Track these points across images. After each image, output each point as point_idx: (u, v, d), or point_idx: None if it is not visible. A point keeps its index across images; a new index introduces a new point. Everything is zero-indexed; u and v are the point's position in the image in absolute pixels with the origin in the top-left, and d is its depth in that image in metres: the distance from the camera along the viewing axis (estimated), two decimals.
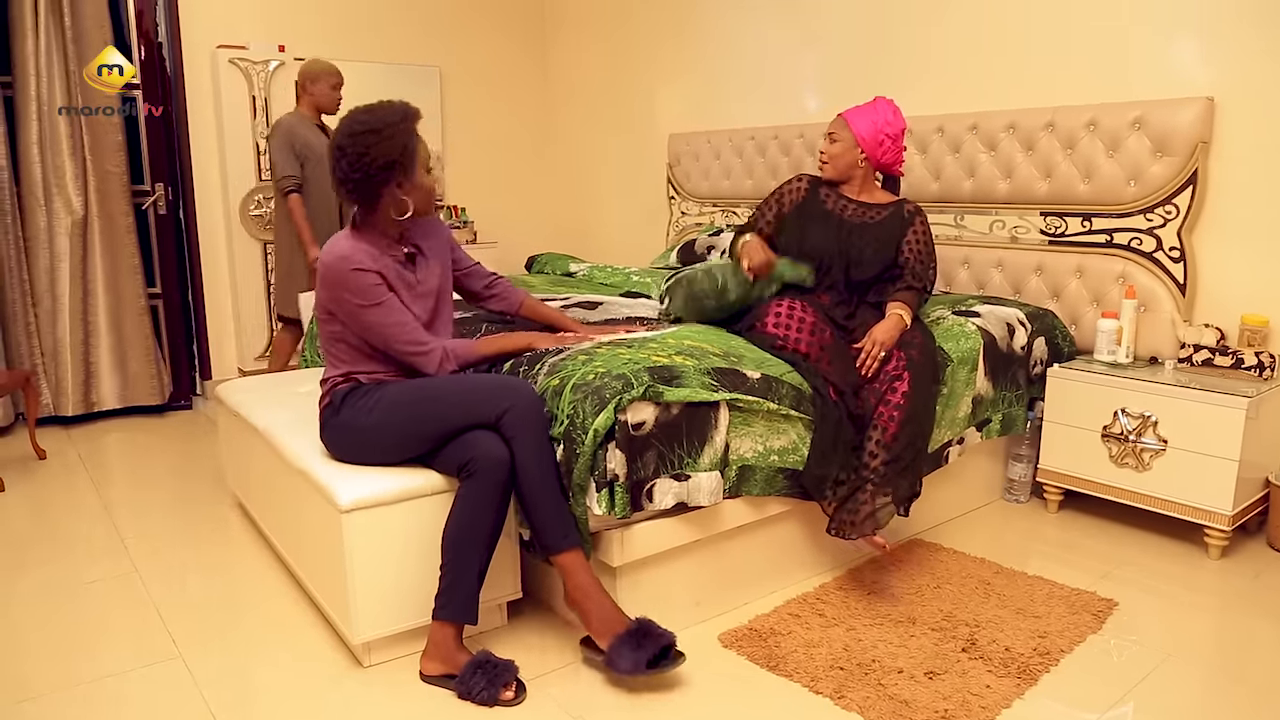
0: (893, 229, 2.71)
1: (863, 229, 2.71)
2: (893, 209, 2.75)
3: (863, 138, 2.68)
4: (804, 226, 2.75)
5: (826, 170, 2.75)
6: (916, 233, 2.72)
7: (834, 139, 2.72)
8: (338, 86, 3.90)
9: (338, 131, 2.12)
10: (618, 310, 2.98)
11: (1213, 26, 2.87)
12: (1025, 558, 2.69)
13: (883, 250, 2.68)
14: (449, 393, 2.10)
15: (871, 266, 2.68)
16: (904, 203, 2.78)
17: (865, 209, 2.75)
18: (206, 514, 3.09)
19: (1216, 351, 2.82)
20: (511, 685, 1.95)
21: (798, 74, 4.23)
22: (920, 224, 2.74)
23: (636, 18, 5.13)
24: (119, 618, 2.37)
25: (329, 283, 2.11)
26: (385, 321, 2.12)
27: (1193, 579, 2.58)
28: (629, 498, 2.03)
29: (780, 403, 2.26)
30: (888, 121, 2.70)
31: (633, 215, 5.35)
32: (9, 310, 4.07)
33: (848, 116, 2.72)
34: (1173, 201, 2.94)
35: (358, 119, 2.11)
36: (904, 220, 2.73)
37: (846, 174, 2.75)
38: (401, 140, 2.10)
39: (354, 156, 2.07)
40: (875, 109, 2.72)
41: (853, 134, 2.69)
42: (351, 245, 2.13)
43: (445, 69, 5.41)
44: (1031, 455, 3.09)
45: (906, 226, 2.72)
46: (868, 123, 2.69)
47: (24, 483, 3.42)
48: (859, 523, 2.31)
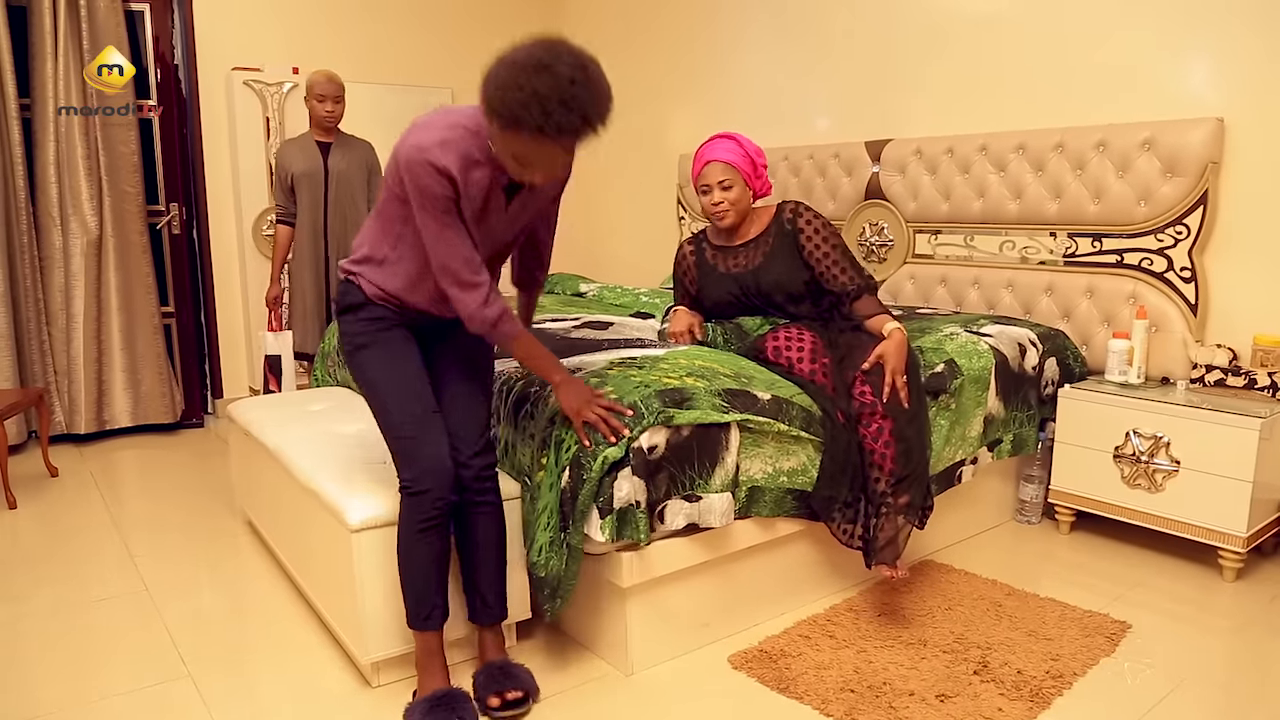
0: (785, 249, 2.57)
1: (759, 271, 2.59)
2: (772, 226, 2.61)
3: (748, 175, 2.57)
4: (712, 296, 2.70)
5: (728, 218, 2.57)
6: (809, 237, 2.55)
7: (727, 185, 2.53)
8: (322, 99, 3.68)
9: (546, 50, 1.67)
10: (628, 331, 2.98)
11: (1222, 47, 2.88)
12: (1037, 579, 2.67)
13: (792, 275, 2.57)
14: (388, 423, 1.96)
15: (797, 298, 2.59)
16: (779, 210, 2.63)
17: (752, 248, 2.63)
18: (217, 532, 3.10)
19: (1229, 372, 2.80)
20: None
21: (807, 95, 4.25)
22: (806, 225, 2.56)
23: (647, 41, 5.16)
24: (128, 636, 2.38)
25: (400, 159, 1.81)
26: (440, 235, 1.82)
27: (1207, 602, 2.55)
28: (648, 521, 2.03)
29: (790, 424, 2.26)
30: (756, 150, 2.59)
31: (643, 236, 5.37)
32: (24, 329, 4.11)
33: (728, 160, 2.54)
34: (1183, 222, 2.93)
35: (570, 55, 1.67)
36: (789, 232, 2.57)
37: (744, 212, 2.61)
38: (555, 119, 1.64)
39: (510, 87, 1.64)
40: (739, 143, 2.59)
41: (741, 175, 2.54)
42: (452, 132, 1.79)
43: (458, 90, 5.45)
44: (1043, 476, 3.07)
45: (796, 236, 2.56)
46: (744, 158, 2.56)
47: (36, 500, 3.43)
48: (879, 550, 2.30)
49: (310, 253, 3.77)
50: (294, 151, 3.75)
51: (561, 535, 2.01)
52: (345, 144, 3.80)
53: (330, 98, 3.70)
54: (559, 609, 2.05)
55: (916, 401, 2.42)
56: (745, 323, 2.65)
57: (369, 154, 3.85)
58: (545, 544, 2.03)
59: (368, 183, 3.83)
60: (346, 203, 3.77)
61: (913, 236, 3.76)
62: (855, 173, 3.92)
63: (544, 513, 2.05)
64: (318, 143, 3.78)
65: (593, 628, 2.25)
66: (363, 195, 3.82)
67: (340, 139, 3.79)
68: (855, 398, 2.36)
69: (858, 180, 3.92)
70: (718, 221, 2.60)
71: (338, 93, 3.72)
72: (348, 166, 3.76)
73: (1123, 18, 3.09)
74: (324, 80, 3.71)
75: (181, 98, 4.57)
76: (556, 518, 2.02)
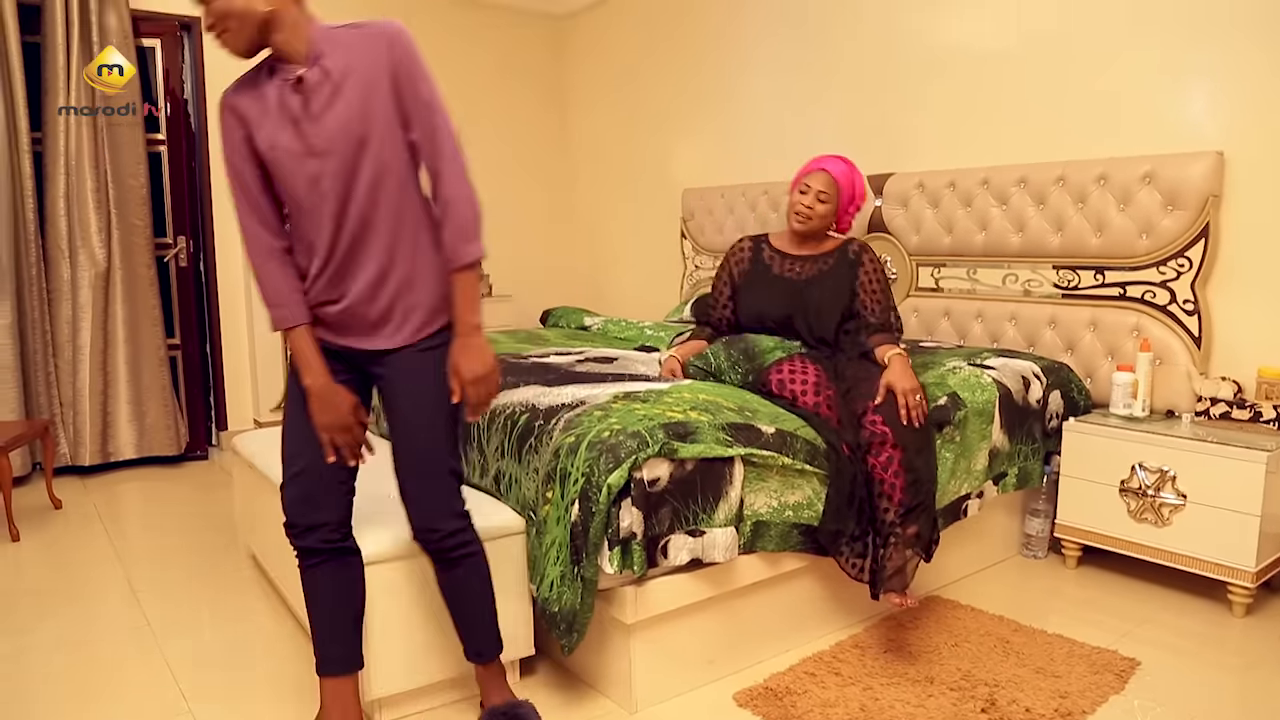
0: (842, 274, 2.72)
1: (811, 283, 2.73)
2: (838, 253, 2.77)
3: (843, 202, 2.75)
4: (755, 295, 2.80)
5: (808, 224, 2.74)
6: (867, 272, 2.71)
7: (824, 199, 2.73)
8: None
9: None
10: (633, 365, 2.99)
11: (1221, 81, 2.90)
12: (1044, 615, 2.65)
13: (838, 300, 2.70)
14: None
15: (830, 320, 2.70)
16: (849, 243, 2.79)
17: (811, 261, 2.78)
18: (220, 566, 3.09)
19: (1234, 405, 2.80)
20: None
21: (809, 129, 4.29)
22: (869, 261, 2.73)
23: (652, 76, 5.22)
24: (130, 670, 2.36)
25: None
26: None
27: (1217, 638, 2.53)
28: (645, 554, 2.02)
29: (795, 458, 2.26)
30: (861, 192, 2.82)
31: (647, 269, 5.40)
32: (30, 360, 4.13)
33: (838, 178, 2.74)
34: (1185, 255, 2.94)
35: None
36: (851, 262, 2.73)
37: (821, 230, 2.78)
38: None
39: None
40: (855, 174, 2.78)
41: (840, 198, 2.74)
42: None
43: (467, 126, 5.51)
44: (1049, 510, 3.06)
45: (856, 268, 2.72)
46: (849, 187, 2.75)
47: (39, 532, 3.43)
48: (886, 579, 2.29)
49: None
50: None
51: (574, 569, 2.00)
52: None
53: None
54: (576, 644, 2.03)
55: (924, 433, 2.42)
56: (760, 342, 2.65)
57: None
58: (556, 579, 2.02)
59: None
60: None
61: (916, 270, 3.78)
62: None
63: (552, 547, 2.05)
64: None
65: (597, 665, 2.24)
66: None
67: None
68: (865, 427, 2.36)
69: (861, 214, 3.93)
70: (796, 221, 2.74)
71: None
72: None
73: (1122, 52, 3.12)
74: None
75: (190, 132, 4.62)
76: (567, 551, 2.01)
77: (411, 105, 1.68)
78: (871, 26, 3.95)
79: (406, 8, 5.25)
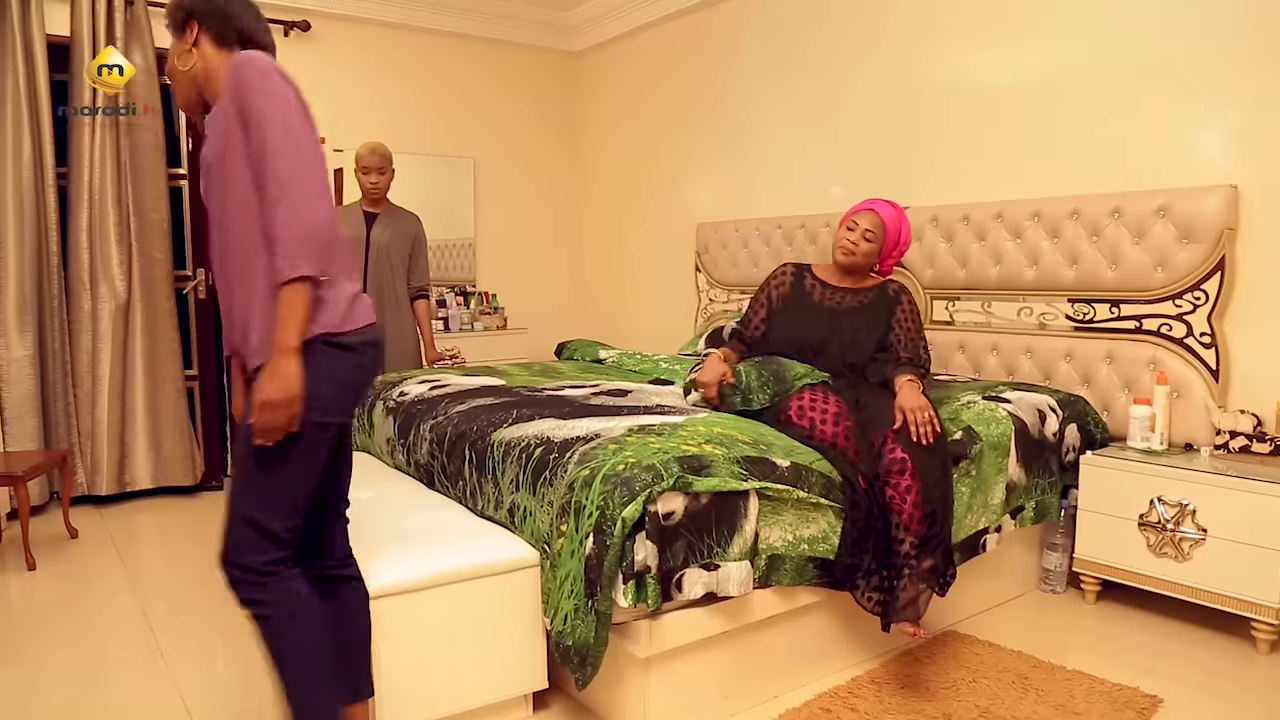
0: (880, 309, 2.78)
1: (849, 313, 2.78)
2: (877, 289, 2.83)
3: (889, 243, 2.81)
4: (793, 319, 2.83)
5: (851, 258, 2.80)
6: (904, 310, 2.78)
7: (870, 238, 2.78)
8: (366, 171, 3.75)
9: None
10: (648, 398, 3.00)
11: (1234, 115, 2.91)
12: (1064, 651, 2.61)
13: (873, 331, 2.75)
14: None
15: (864, 349, 2.74)
16: (889, 282, 2.85)
17: (851, 294, 2.84)
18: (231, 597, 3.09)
19: (1254, 438, 2.78)
20: None
21: (823, 164, 4.32)
22: (907, 301, 2.80)
23: (665, 112, 5.28)
24: (142, 700, 2.36)
25: None
26: None
27: (1241, 675, 2.49)
28: (660, 588, 2.01)
29: (810, 491, 2.25)
30: (906, 241, 2.87)
31: (662, 302, 5.42)
32: (50, 391, 4.17)
33: (886, 221, 2.80)
34: (1201, 288, 2.94)
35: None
36: (890, 299, 2.80)
37: (863, 268, 2.83)
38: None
39: None
40: (902, 220, 2.84)
41: (886, 238, 2.80)
42: None
43: (479, 159, 5.58)
44: (1067, 544, 3.03)
45: (894, 305, 2.78)
46: (895, 231, 2.81)
47: (55, 561, 3.44)
48: (899, 610, 2.27)
49: None
50: (340, 220, 3.83)
51: (589, 602, 2.00)
52: (392, 215, 3.85)
53: (374, 169, 3.76)
54: (590, 678, 2.02)
55: (942, 464, 2.42)
56: (792, 367, 2.63)
57: (414, 226, 3.90)
58: (570, 612, 2.01)
59: (409, 254, 3.87)
60: (384, 274, 3.81)
61: (930, 303, 3.78)
62: None
63: (566, 580, 2.04)
64: (365, 212, 3.85)
65: (611, 699, 2.22)
66: (402, 268, 3.85)
67: (388, 210, 3.86)
68: (885, 454, 2.36)
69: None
70: (840, 255, 2.82)
71: (380, 164, 3.77)
72: (389, 239, 3.81)
73: (1135, 86, 3.14)
74: (367, 152, 3.79)
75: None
76: (581, 584, 2.01)
77: (247, 128, 1.71)
78: (882, 63, 3.99)
79: (428, 46, 5.35)
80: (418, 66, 5.31)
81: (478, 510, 2.50)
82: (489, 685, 2.13)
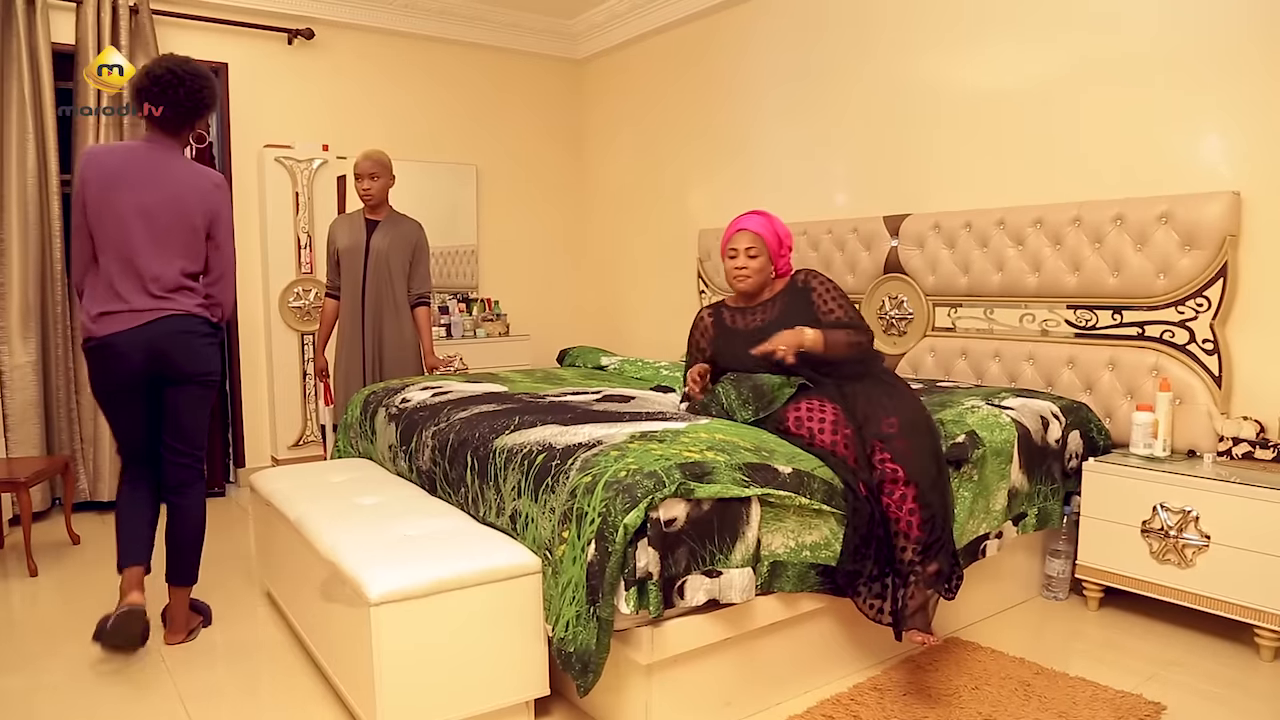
0: (798, 303, 2.76)
1: (774, 324, 2.73)
2: (786, 289, 2.82)
3: (774, 251, 2.80)
4: (726, 355, 2.83)
5: (748, 282, 2.78)
6: (818, 291, 2.75)
7: (754, 254, 2.77)
8: (359, 177, 3.77)
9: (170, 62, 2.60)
10: (649, 404, 3.00)
11: (1236, 122, 2.92)
12: (1066, 658, 2.61)
13: (803, 323, 2.70)
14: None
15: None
16: (794, 277, 2.83)
17: (765, 307, 2.81)
18: (235, 602, 3.09)
19: (1256, 444, 2.77)
20: None
21: (825, 171, 4.33)
22: (818, 282, 2.77)
23: (668, 118, 5.30)
24: (143, 706, 2.36)
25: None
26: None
27: (1244, 682, 2.48)
28: (662, 595, 2.01)
29: (812, 498, 2.25)
30: (786, 232, 2.85)
31: (664, 309, 5.42)
32: (53, 398, 4.17)
33: (759, 232, 2.77)
34: (1204, 294, 2.94)
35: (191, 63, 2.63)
36: (801, 290, 2.78)
37: (764, 284, 2.81)
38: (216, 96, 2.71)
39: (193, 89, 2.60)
40: (771, 221, 2.82)
41: (768, 249, 2.77)
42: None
43: (481, 167, 5.60)
44: (1069, 551, 3.02)
45: (808, 292, 2.76)
46: (773, 234, 2.79)
47: (57, 568, 3.44)
48: (909, 617, 2.27)
49: (350, 328, 3.84)
50: (342, 227, 3.86)
51: (590, 609, 1.99)
52: (392, 222, 3.85)
53: (365, 174, 3.77)
54: (592, 684, 2.02)
55: (936, 468, 2.41)
56: (767, 380, 2.64)
57: (415, 233, 3.89)
58: (572, 619, 2.01)
59: (410, 261, 3.87)
60: (383, 280, 3.81)
61: (932, 310, 3.78)
62: (874, 247, 3.97)
63: (568, 587, 2.04)
64: (366, 220, 3.86)
65: (613, 706, 2.21)
66: (401, 275, 3.84)
67: (389, 218, 3.86)
68: (876, 465, 2.35)
69: (876, 254, 3.96)
70: (737, 283, 2.81)
71: (371, 169, 3.77)
72: (389, 246, 3.81)
73: (1137, 92, 3.14)
74: (360, 158, 3.81)
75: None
76: (583, 591, 2.00)
77: None
78: (884, 71, 4.00)
79: (430, 54, 5.37)
80: (420, 74, 5.34)
81: (479, 517, 2.50)
82: (490, 692, 2.13)
